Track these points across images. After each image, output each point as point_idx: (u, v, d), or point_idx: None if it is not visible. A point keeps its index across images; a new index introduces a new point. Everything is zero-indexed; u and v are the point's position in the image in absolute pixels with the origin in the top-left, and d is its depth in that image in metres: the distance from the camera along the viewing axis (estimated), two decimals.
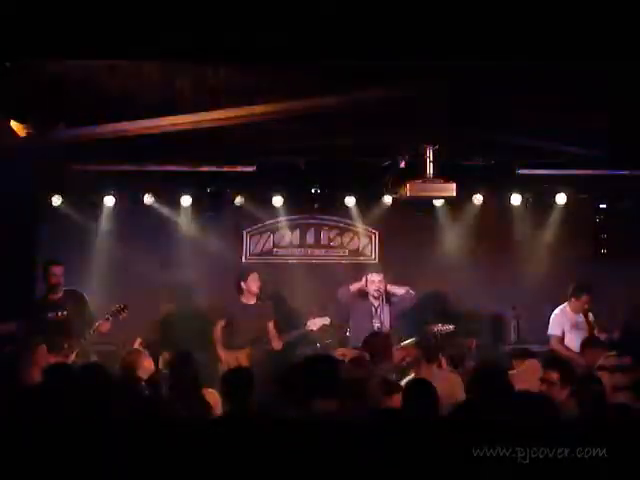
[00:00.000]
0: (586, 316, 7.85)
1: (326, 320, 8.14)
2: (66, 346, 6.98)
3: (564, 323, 7.97)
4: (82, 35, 4.50)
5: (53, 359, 6.00)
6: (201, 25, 4.64)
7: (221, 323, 8.17)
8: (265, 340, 8.03)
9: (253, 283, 8.15)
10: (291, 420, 3.85)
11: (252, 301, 8.21)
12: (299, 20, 4.56)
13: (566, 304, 8.03)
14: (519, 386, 5.34)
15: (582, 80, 5.41)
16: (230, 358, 7.84)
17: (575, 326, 7.90)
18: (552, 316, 8.06)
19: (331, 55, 4.82)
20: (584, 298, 7.90)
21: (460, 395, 5.14)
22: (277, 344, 8.07)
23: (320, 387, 4.18)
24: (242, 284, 8.16)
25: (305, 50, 4.78)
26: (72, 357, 6.94)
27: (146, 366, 5.79)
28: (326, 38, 4.68)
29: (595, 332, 7.69)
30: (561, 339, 7.90)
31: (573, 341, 7.67)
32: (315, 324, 8.14)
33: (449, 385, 5.47)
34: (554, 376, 5.20)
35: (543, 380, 5.20)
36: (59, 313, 7.36)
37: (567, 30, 4.64)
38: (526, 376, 5.64)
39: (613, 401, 4.78)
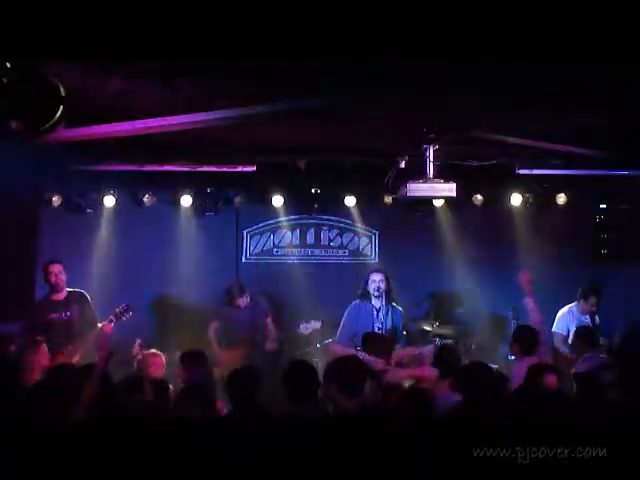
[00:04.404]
0: (592, 318, 7.85)
1: (318, 324, 8.16)
2: (70, 347, 6.99)
3: (570, 323, 7.96)
4: (82, 35, 4.49)
5: (56, 360, 6.02)
6: (200, 25, 4.64)
7: (214, 324, 8.27)
8: (260, 340, 8.07)
9: (242, 299, 8.31)
10: (293, 420, 3.85)
11: (245, 303, 8.33)
12: (298, 19, 4.56)
13: (574, 304, 8.03)
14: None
15: (582, 80, 5.40)
16: (224, 357, 7.87)
17: None
18: (558, 314, 8.06)
19: (330, 55, 4.82)
20: (592, 300, 7.89)
21: None
22: (271, 344, 8.12)
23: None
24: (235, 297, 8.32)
25: (304, 50, 4.78)
26: (76, 358, 6.95)
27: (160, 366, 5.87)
28: (325, 38, 4.68)
29: (599, 335, 7.69)
30: (565, 338, 7.90)
31: None
32: (307, 328, 8.17)
33: None
34: (553, 380, 5.24)
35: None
36: (63, 314, 7.36)
37: (566, 30, 4.64)
38: None
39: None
